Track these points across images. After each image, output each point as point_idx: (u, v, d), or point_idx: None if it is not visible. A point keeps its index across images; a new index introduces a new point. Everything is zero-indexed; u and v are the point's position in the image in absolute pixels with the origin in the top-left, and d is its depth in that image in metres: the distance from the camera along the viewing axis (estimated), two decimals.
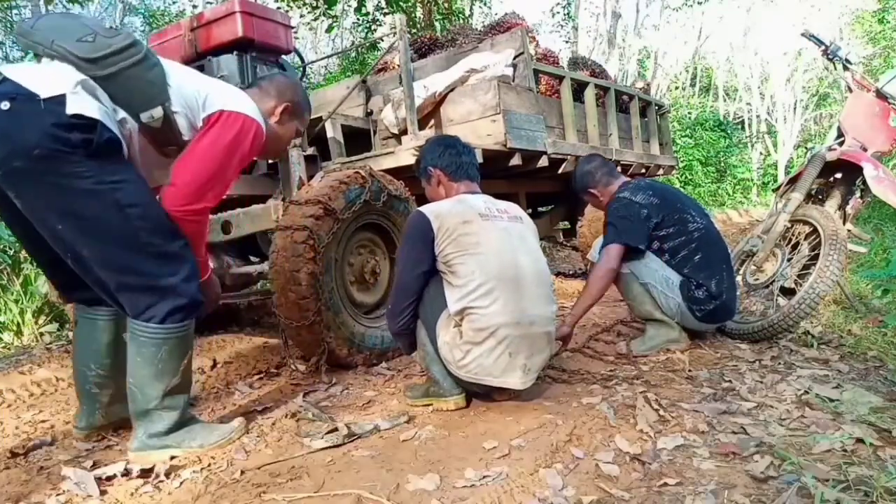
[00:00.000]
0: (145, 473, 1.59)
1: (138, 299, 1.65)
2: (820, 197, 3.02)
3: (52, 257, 1.71)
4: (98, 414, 1.92)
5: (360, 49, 8.78)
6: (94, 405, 1.91)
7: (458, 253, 1.91)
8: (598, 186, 2.79)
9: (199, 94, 1.72)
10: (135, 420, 1.73)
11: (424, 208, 2.01)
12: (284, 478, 1.55)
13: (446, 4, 8.94)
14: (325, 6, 7.77)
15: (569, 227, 5.17)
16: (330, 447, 1.73)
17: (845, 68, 3.01)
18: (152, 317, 1.65)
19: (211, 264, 2.04)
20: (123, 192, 1.58)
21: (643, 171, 5.25)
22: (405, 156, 3.06)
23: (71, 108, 1.49)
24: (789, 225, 2.81)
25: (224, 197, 1.87)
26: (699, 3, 14.84)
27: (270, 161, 3.01)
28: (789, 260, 2.75)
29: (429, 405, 2.04)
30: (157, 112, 1.64)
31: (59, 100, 1.49)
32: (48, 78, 1.53)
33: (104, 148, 1.55)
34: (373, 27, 9.00)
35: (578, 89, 4.38)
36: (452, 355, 1.93)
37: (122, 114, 1.64)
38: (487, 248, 1.92)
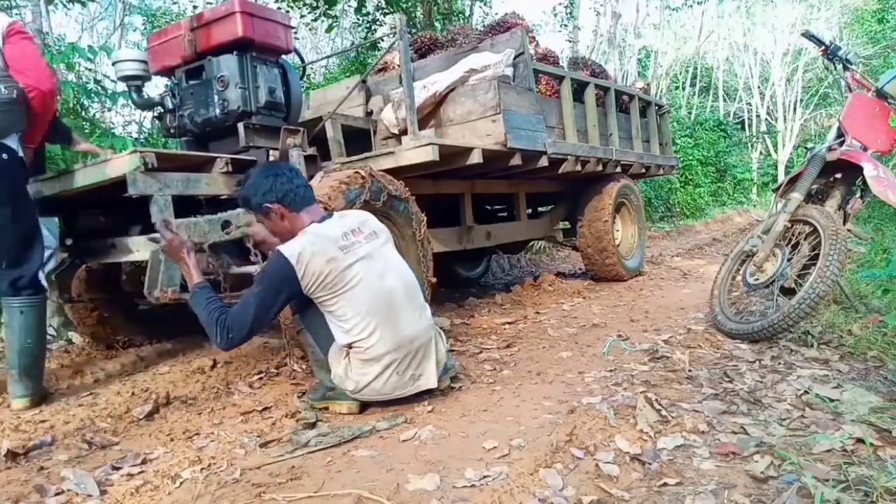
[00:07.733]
0: (145, 473, 1.59)
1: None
2: (820, 197, 3.01)
3: None
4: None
5: (360, 49, 8.76)
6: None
7: (330, 296, 1.92)
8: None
9: None
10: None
11: (284, 249, 1.89)
12: (284, 478, 1.55)
13: (446, 4, 8.92)
14: (325, 6, 7.75)
15: (569, 227, 5.17)
16: (330, 447, 1.73)
17: (845, 68, 3.00)
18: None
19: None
20: None
21: (643, 170, 5.26)
22: (405, 156, 3.06)
23: None
24: (789, 225, 2.80)
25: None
26: (699, 3, 14.83)
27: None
28: (789, 260, 2.75)
29: (326, 407, 2.09)
30: None
31: None
32: None
33: None
34: (373, 27, 8.99)
35: (578, 89, 4.38)
36: (345, 385, 2.01)
37: None
38: (356, 284, 1.92)
